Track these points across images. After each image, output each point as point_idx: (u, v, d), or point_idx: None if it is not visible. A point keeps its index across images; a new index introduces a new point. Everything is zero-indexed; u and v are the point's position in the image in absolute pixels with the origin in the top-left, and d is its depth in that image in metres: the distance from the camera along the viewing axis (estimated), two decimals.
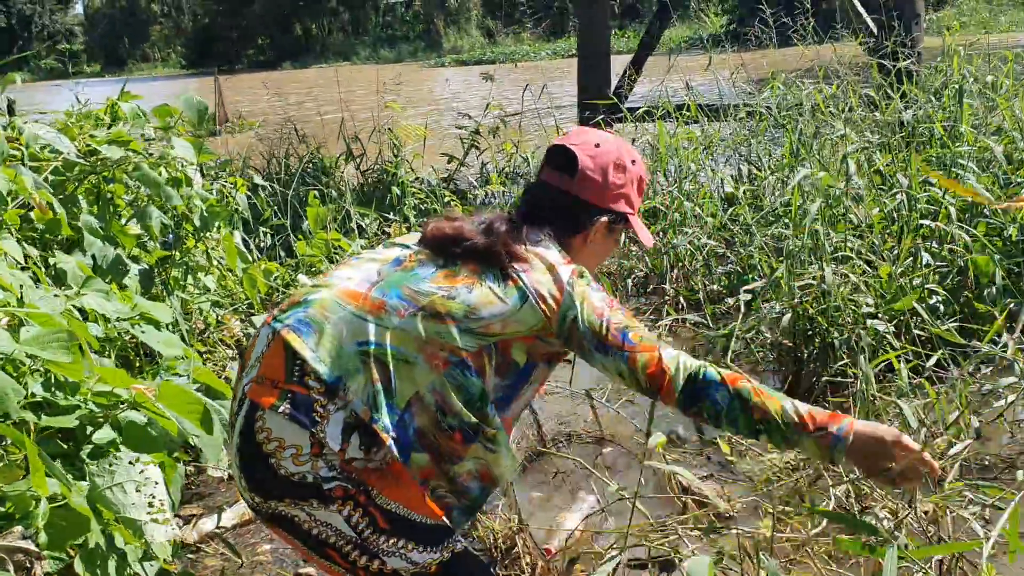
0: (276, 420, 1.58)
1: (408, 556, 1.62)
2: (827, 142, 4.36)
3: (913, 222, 3.79)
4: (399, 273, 1.73)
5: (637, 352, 1.70)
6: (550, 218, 1.89)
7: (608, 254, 2.05)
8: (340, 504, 1.59)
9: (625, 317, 1.74)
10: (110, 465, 1.62)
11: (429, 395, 1.62)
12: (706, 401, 1.67)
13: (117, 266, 3.13)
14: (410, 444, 1.61)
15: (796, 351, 3.49)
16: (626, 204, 1.93)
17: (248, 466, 1.62)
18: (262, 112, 14.69)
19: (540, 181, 1.97)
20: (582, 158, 1.87)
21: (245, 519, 2.86)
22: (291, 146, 7.04)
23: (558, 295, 1.72)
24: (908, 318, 3.35)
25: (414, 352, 1.63)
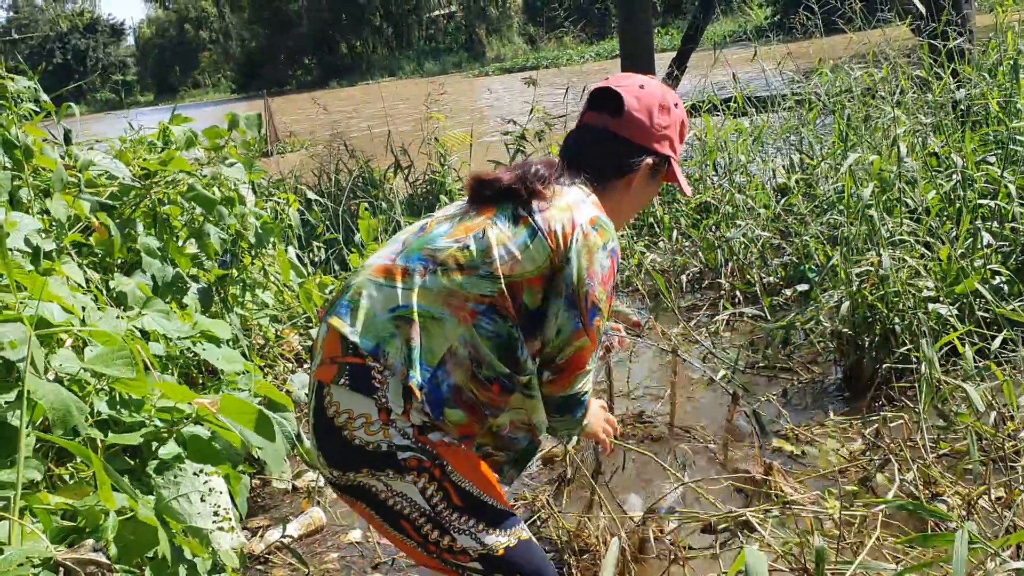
0: (341, 393, 1.66)
1: (478, 536, 1.67)
2: (878, 126, 4.27)
3: (971, 202, 3.70)
4: (420, 238, 1.78)
5: (586, 334, 1.72)
6: (592, 161, 1.87)
7: (649, 200, 2.03)
8: (416, 475, 1.64)
9: (607, 302, 1.74)
10: (175, 477, 1.65)
11: (462, 348, 1.66)
12: (572, 416, 1.82)
13: (176, 285, 3.19)
14: (443, 400, 1.65)
15: (857, 339, 3.43)
16: (669, 147, 1.90)
17: (324, 441, 1.70)
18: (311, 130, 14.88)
19: (582, 124, 1.93)
20: (628, 98, 1.84)
21: (311, 529, 2.89)
22: (341, 161, 7.12)
23: (568, 232, 1.70)
24: (971, 300, 3.27)
25: (440, 308, 1.67)
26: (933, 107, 4.67)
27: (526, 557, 1.73)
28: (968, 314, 3.26)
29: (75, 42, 66.09)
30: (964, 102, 4.58)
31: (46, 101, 3.11)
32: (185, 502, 1.63)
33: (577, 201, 1.76)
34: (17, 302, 2.04)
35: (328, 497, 3.13)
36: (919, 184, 3.85)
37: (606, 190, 1.86)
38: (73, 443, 1.52)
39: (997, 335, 3.00)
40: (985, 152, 4.27)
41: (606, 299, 1.73)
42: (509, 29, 50.04)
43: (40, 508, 1.60)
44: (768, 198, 5.01)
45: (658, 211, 5.51)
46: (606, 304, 1.73)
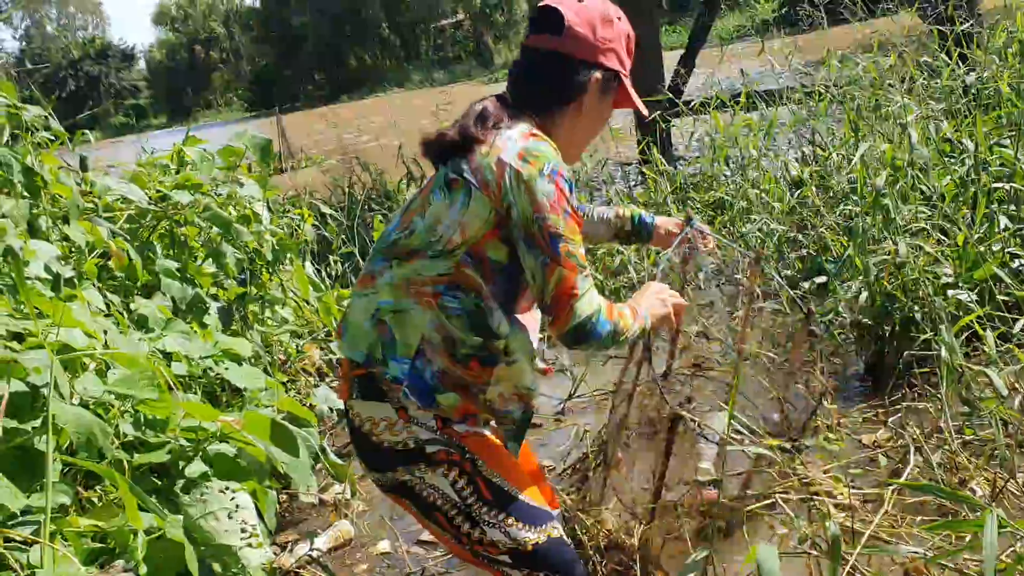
0: (360, 404, 1.73)
1: (507, 530, 1.71)
2: (888, 114, 4.25)
3: (985, 186, 3.67)
4: (378, 241, 1.82)
5: (558, 265, 1.66)
6: (537, 86, 1.80)
7: (603, 123, 1.91)
8: (446, 468, 1.70)
9: (566, 225, 1.66)
10: (202, 495, 1.67)
11: (434, 334, 1.68)
12: (592, 340, 1.71)
13: (196, 305, 3.22)
14: (431, 387, 1.68)
15: (877, 329, 3.41)
16: (617, 61, 1.82)
17: (360, 450, 1.78)
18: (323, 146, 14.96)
19: (524, 48, 1.84)
20: (568, 14, 1.76)
21: (340, 542, 2.91)
22: (354, 175, 7.15)
23: (498, 178, 1.66)
24: (991, 285, 3.25)
25: (404, 298, 1.70)
26: (943, 92, 4.65)
27: (555, 554, 1.75)
28: (988, 299, 3.24)
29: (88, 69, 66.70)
30: (974, 86, 4.55)
31: (58, 129, 3.14)
32: (213, 520, 1.65)
33: (503, 140, 1.70)
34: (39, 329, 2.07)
35: (355, 509, 3.15)
36: (932, 170, 3.83)
37: (555, 118, 1.80)
38: (98, 465, 1.54)
39: (1018, 319, 2.98)
40: (999, 135, 4.23)
41: (565, 222, 1.66)
42: (516, 35, 50.07)
43: (70, 531, 1.62)
44: (782, 192, 4.99)
45: (673, 209, 5.50)
46: (567, 226, 1.66)
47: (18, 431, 1.72)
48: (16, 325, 2.11)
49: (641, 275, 5.03)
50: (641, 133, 7.19)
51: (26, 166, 2.69)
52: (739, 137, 5.60)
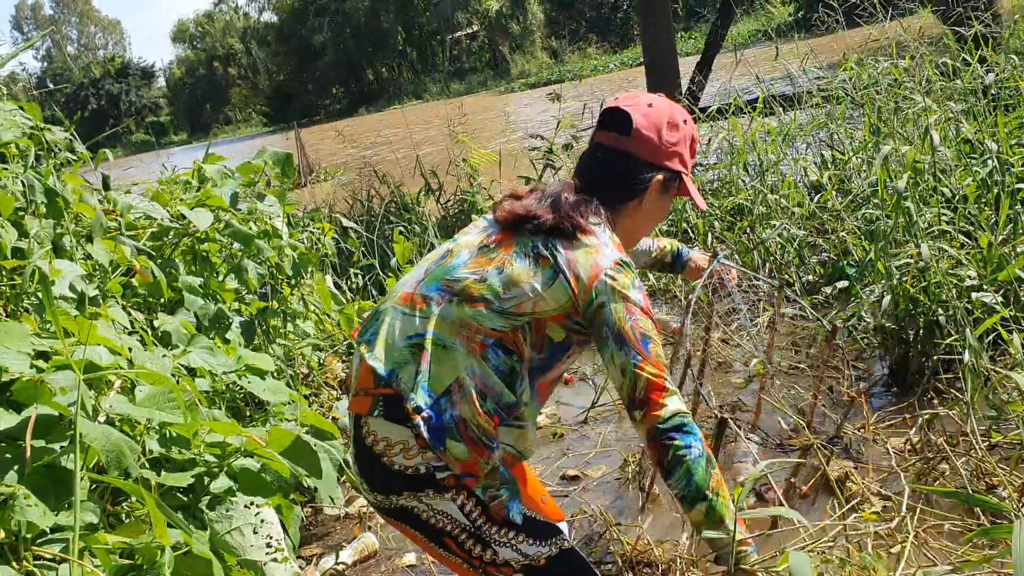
0: (378, 423, 1.72)
1: (519, 548, 1.71)
2: (908, 117, 4.23)
3: (1009, 186, 3.64)
4: (441, 267, 1.83)
5: (649, 363, 1.71)
6: (604, 180, 1.90)
7: (662, 216, 2.04)
8: (454, 493, 1.69)
9: (652, 328, 1.74)
10: (227, 510, 1.68)
11: (468, 379, 1.69)
12: (680, 442, 1.67)
13: (219, 321, 3.24)
14: (443, 429, 1.67)
15: (901, 333, 3.39)
16: (680, 163, 1.92)
17: (365, 468, 1.76)
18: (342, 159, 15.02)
19: (593, 144, 1.96)
20: (636, 117, 1.87)
21: (365, 555, 2.91)
22: (372, 188, 7.19)
23: (592, 277, 1.74)
24: (1016, 288, 3.22)
25: (451, 337, 1.71)
26: (963, 93, 4.62)
27: (569, 566, 1.76)
28: (1014, 301, 3.21)
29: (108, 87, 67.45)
30: (993, 87, 4.52)
31: (81, 151, 3.18)
32: (238, 535, 1.66)
33: (600, 244, 1.79)
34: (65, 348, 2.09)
35: (380, 521, 3.15)
36: (954, 172, 3.81)
37: (618, 212, 1.90)
38: (127, 483, 1.56)
39: None
40: (1020, 135, 4.20)
41: (652, 326, 1.75)
42: (532, 44, 50.20)
43: (99, 548, 1.63)
44: (802, 196, 4.97)
45: (691, 216, 5.49)
46: (654, 331, 1.75)
47: (46, 450, 1.74)
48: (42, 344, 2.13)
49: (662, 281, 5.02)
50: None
51: (48, 187, 2.72)
52: (757, 142, 5.58)
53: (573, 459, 3.38)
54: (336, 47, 53.13)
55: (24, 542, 1.53)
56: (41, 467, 1.63)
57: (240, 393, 3.30)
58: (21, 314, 2.50)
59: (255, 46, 61.55)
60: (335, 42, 53.26)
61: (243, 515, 1.67)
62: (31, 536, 1.55)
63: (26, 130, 2.82)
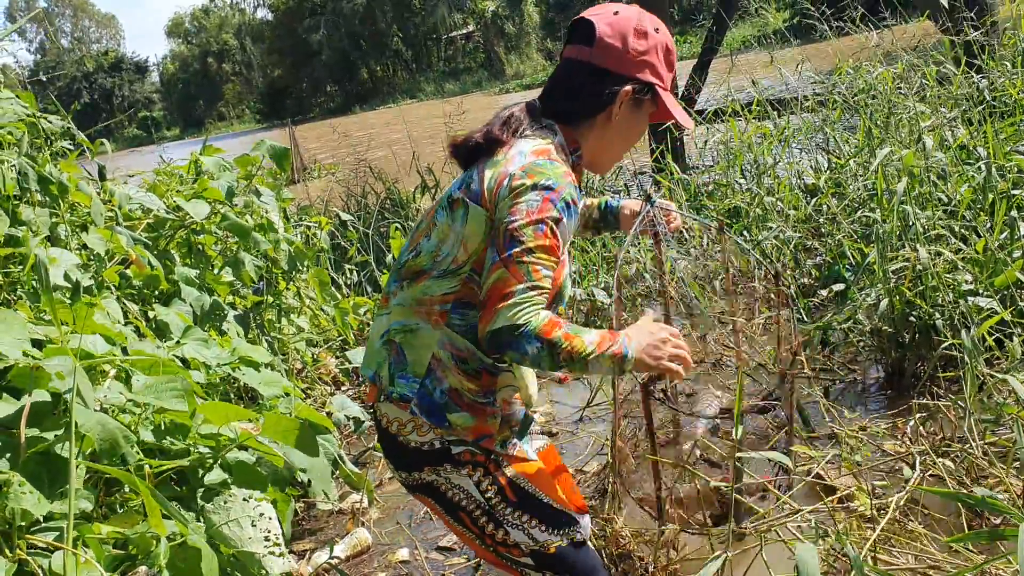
0: (386, 406, 1.75)
1: (530, 532, 1.73)
2: (903, 122, 4.23)
3: (1004, 192, 3.63)
4: (395, 262, 1.89)
5: (504, 266, 1.56)
6: (566, 96, 1.77)
7: (637, 135, 1.86)
8: (471, 469, 1.72)
9: (534, 236, 1.57)
10: (224, 503, 1.67)
11: (443, 351, 1.70)
12: (511, 352, 1.53)
13: (215, 313, 3.22)
14: (441, 406, 1.70)
15: (897, 336, 3.39)
16: (651, 74, 1.75)
17: (387, 450, 1.79)
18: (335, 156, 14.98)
19: (561, 60, 1.82)
20: (599, 25, 1.73)
21: (358, 550, 2.89)
22: (368, 184, 7.17)
23: (497, 185, 1.64)
24: (1013, 292, 3.22)
25: (413, 319, 1.73)
26: (958, 99, 4.62)
27: (578, 558, 1.77)
28: (1010, 305, 3.21)
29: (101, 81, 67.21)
30: (988, 93, 4.52)
31: (81, 138, 3.16)
32: (236, 527, 1.64)
33: (515, 153, 1.68)
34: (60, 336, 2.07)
35: (372, 517, 3.14)
36: (951, 177, 3.81)
37: (584, 127, 1.78)
38: (122, 471, 1.54)
39: None
40: (1016, 142, 4.20)
41: (534, 233, 1.57)
42: (527, 46, 50.24)
43: (92, 538, 1.61)
44: (797, 199, 4.97)
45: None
46: (535, 238, 1.56)
47: (40, 438, 1.72)
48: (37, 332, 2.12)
49: (658, 283, 5.01)
50: (655, 141, 7.18)
51: (42, 175, 2.69)
52: (753, 145, 5.58)
53: (568, 458, 3.37)
54: (331, 45, 53.05)
55: (18, 530, 1.51)
56: (36, 455, 1.61)
57: (234, 387, 3.29)
58: (15, 302, 2.48)
59: (250, 42, 61.41)
60: (330, 40, 53.19)
61: (241, 507, 1.66)
62: (25, 524, 1.53)
63: (23, 117, 2.79)
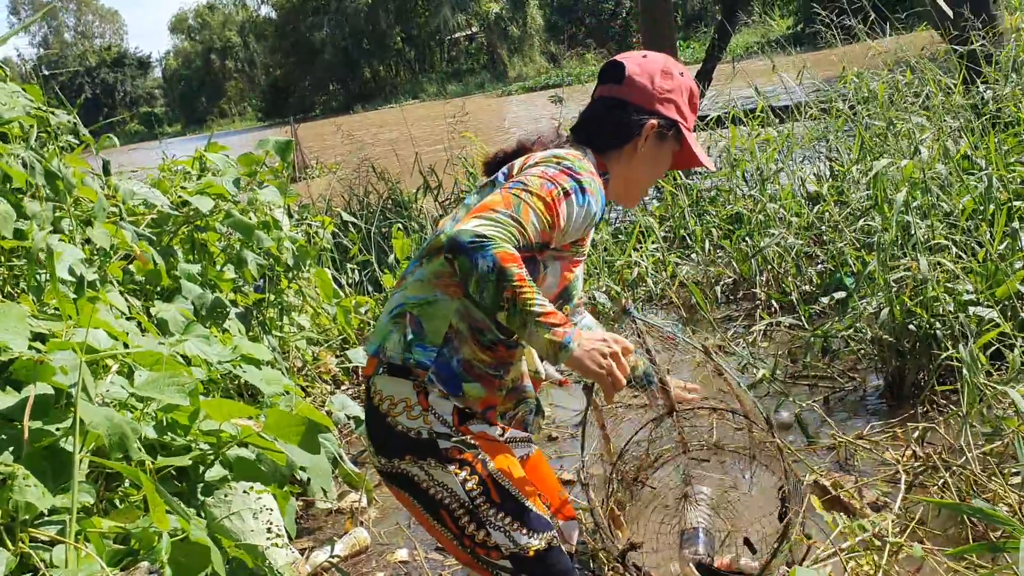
0: (383, 380, 1.75)
1: (511, 534, 1.72)
2: (904, 132, 4.23)
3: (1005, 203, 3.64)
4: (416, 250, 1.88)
5: (498, 192, 1.65)
6: (595, 128, 1.92)
7: (662, 169, 1.97)
8: (458, 467, 1.71)
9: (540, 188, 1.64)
10: (226, 496, 1.67)
11: (460, 322, 1.74)
12: (464, 257, 1.54)
13: (216, 310, 3.22)
14: (457, 375, 1.73)
15: (898, 345, 3.39)
16: (676, 111, 1.90)
17: (371, 428, 1.79)
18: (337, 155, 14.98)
19: (592, 100, 1.98)
20: (629, 65, 1.90)
21: (356, 549, 2.89)
22: (370, 184, 7.17)
23: (522, 164, 1.79)
24: (1014, 303, 3.22)
25: (431, 292, 1.75)
26: (961, 110, 4.62)
27: (555, 562, 1.77)
28: (1011, 317, 3.21)
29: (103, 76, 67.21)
30: (991, 104, 4.53)
31: (85, 134, 3.16)
32: (238, 520, 1.64)
33: (547, 151, 1.82)
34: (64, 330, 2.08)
35: (371, 517, 3.14)
36: (953, 187, 3.81)
37: (612, 157, 1.90)
38: (126, 466, 1.54)
39: None
40: (1019, 153, 4.20)
41: (540, 184, 1.65)
42: (530, 48, 50.26)
43: (94, 532, 1.61)
44: (800, 206, 4.98)
45: (690, 223, 5.49)
46: (539, 187, 1.64)
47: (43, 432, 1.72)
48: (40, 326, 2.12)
49: (659, 287, 5.02)
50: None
51: (49, 169, 2.70)
52: (755, 152, 5.59)
53: (569, 460, 3.37)
54: (334, 45, 53.07)
55: (20, 524, 1.52)
56: (40, 449, 1.61)
57: (234, 384, 3.29)
58: (19, 295, 2.48)
59: (253, 40, 61.41)
60: (333, 40, 53.22)
61: (242, 500, 1.66)
62: (29, 518, 1.53)
63: (30, 110, 2.79)
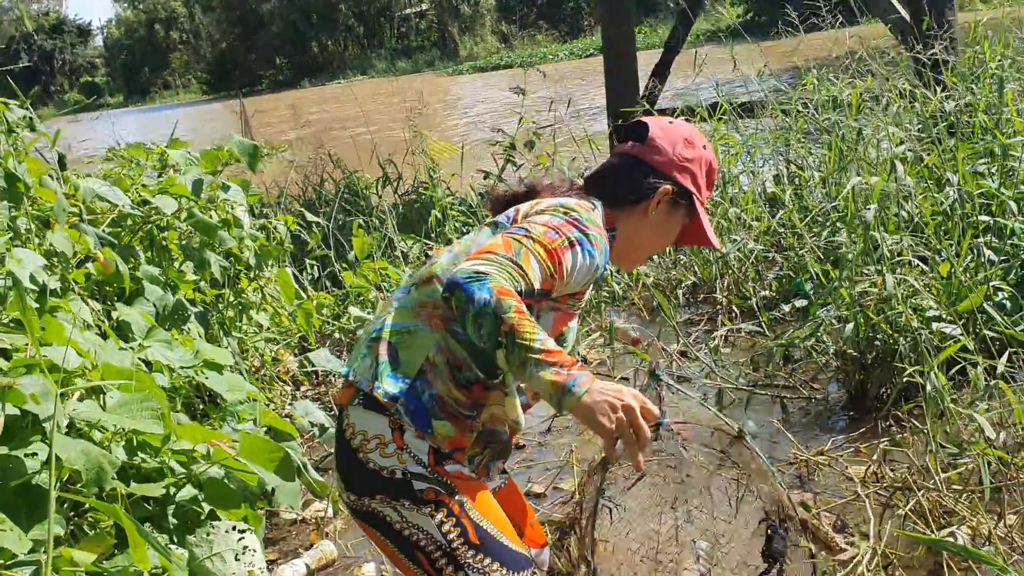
0: (357, 412, 1.70)
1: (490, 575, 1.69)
2: (871, 143, 4.27)
3: (972, 218, 3.70)
4: (408, 277, 1.88)
5: (502, 235, 1.61)
6: (609, 182, 1.91)
7: (670, 236, 1.96)
8: (433, 509, 1.66)
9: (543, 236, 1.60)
10: (208, 535, 1.62)
11: (438, 356, 1.69)
12: (461, 292, 1.48)
13: (178, 313, 3.15)
14: (427, 411, 1.67)
15: (861, 359, 3.43)
16: (692, 182, 1.89)
17: (341, 463, 1.74)
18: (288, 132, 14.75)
19: (611, 155, 2.00)
20: (653, 127, 1.90)
21: (323, 563, 2.85)
22: (325, 171, 7.06)
23: (528, 211, 1.75)
24: (977, 316, 3.27)
25: (413, 321, 1.72)
26: (922, 119, 4.68)
27: None
28: (973, 332, 3.26)
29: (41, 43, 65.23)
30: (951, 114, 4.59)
31: (42, 130, 3.04)
32: (219, 561, 1.59)
33: (556, 199, 1.81)
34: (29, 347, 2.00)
35: (338, 527, 3.10)
36: (914, 197, 3.86)
37: (621, 214, 1.89)
38: (105, 504, 1.48)
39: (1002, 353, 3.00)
40: (975, 162, 4.25)
41: (544, 232, 1.61)
42: (482, 28, 49.97)
43: (68, 571, 1.55)
44: (760, 210, 5.01)
45: None
46: (542, 235, 1.60)
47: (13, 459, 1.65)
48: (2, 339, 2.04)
49: (622, 288, 5.01)
50: (617, 139, 7.19)
51: (8, 172, 2.59)
52: (718, 153, 5.61)
53: (537, 470, 3.35)
54: (283, 18, 52.20)
55: None
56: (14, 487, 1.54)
57: (194, 388, 3.21)
58: None
59: (199, 11, 60.07)
60: (282, 12, 52.34)
61: (224, 540, 1.61)
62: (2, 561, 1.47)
63: None
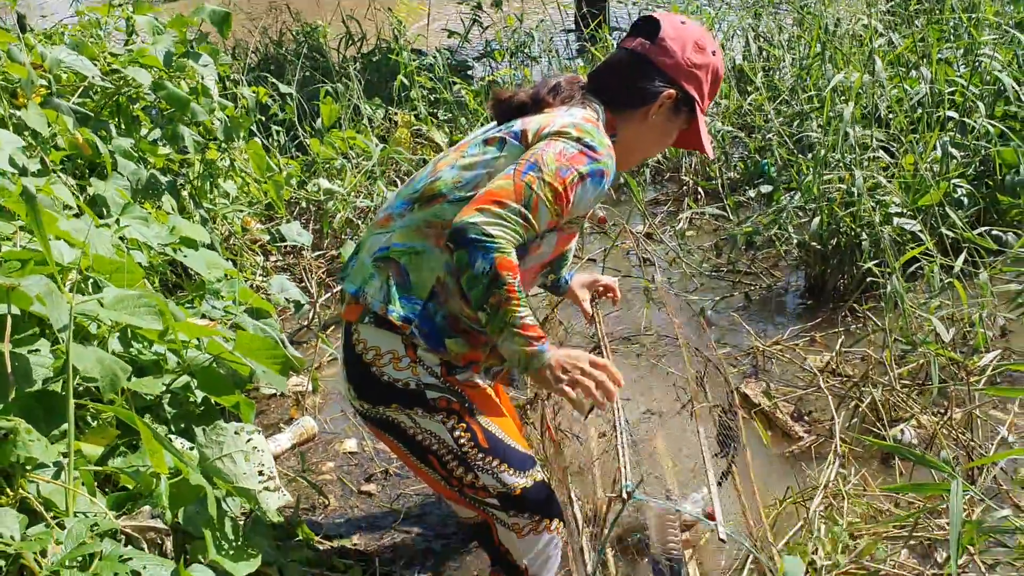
0: (368, 330, 1.73)
1: (499, 476, 1.80)
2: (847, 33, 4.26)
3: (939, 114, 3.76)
4: (407, 184, 1.84)
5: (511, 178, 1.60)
6: (614, 80, 1.84)
7: (667, 141, 1.92)
8: (445, 416, 1.75)
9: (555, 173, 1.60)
10: (216, 436, 1.68)
11: (448, 276, 1.71)
12: (463, 251, 1.54)
13: (152, 187, 3.12)
14: (440, 330, 1.72)
15: (823, 251, 3.53)
16: (696, 89, 1.82)
17: (353, 375, 1.79)
18: None
19: (618, 47, 1.89)
20: (665, 26, 1.81)
21: (304, 438, 2.94)
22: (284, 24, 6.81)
23: (543, 127, 1.69)
24: (936, 213, 3.38)
25: (420, 241, 1.72)
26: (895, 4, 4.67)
27: (539, 497, 1.86)
28: (931, 230, 3.38)
29: None
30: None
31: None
32: (229, 462, 1.66)
33: (566, 112, 1.75)
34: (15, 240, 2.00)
35: (316, 402, 3.18)
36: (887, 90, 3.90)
37: (622, 117, 1.83)
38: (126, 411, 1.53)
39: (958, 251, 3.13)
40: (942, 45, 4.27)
41: (556, 172, 1.60)
42: None
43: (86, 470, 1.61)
44: (728, 88, 5.00)
45: None
46: (554, 176, 1.60)
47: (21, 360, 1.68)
48: None
49: None
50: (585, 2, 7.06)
51: None
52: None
53: None
54: None
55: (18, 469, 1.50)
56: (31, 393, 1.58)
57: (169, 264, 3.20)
58: None
59: None
60: None
61: (234, 441, 1.67)
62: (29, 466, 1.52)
63: None
